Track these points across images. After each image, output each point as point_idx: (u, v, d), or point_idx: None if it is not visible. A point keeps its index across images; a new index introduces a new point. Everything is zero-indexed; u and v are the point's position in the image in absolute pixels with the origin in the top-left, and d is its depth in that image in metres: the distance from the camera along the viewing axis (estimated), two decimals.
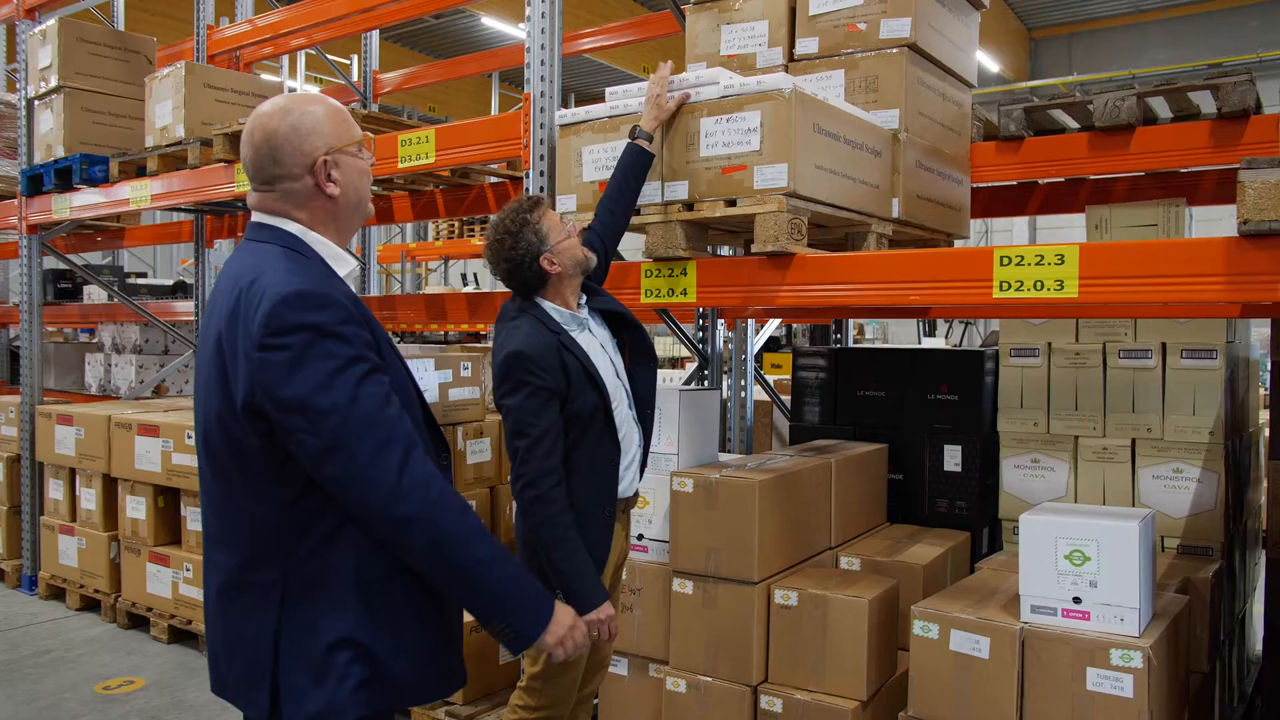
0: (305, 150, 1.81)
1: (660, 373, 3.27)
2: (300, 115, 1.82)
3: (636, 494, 2.79)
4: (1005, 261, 2.54)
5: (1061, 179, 4.23)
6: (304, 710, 1.72)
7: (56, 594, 5.69)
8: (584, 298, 2.73)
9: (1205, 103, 3.48)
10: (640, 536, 3.44)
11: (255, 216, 1.87)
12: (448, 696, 1.80)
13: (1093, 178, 4.19)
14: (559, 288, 2.62)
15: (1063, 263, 2.46)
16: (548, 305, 2.62)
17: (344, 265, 1.87)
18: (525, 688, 2.68)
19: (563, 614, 1.86)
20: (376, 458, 1.67)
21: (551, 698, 2.65)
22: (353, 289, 1.87)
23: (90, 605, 5.50)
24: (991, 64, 16.30)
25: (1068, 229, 15.30)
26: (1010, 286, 2.54)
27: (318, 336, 1.67)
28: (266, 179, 1.84)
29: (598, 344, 2.68)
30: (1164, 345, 3.45)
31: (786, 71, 3.29)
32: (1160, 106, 3.57)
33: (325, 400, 1.66)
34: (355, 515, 1.71)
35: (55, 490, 5.65)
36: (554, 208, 2.83)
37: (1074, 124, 3.75)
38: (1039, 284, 2.49)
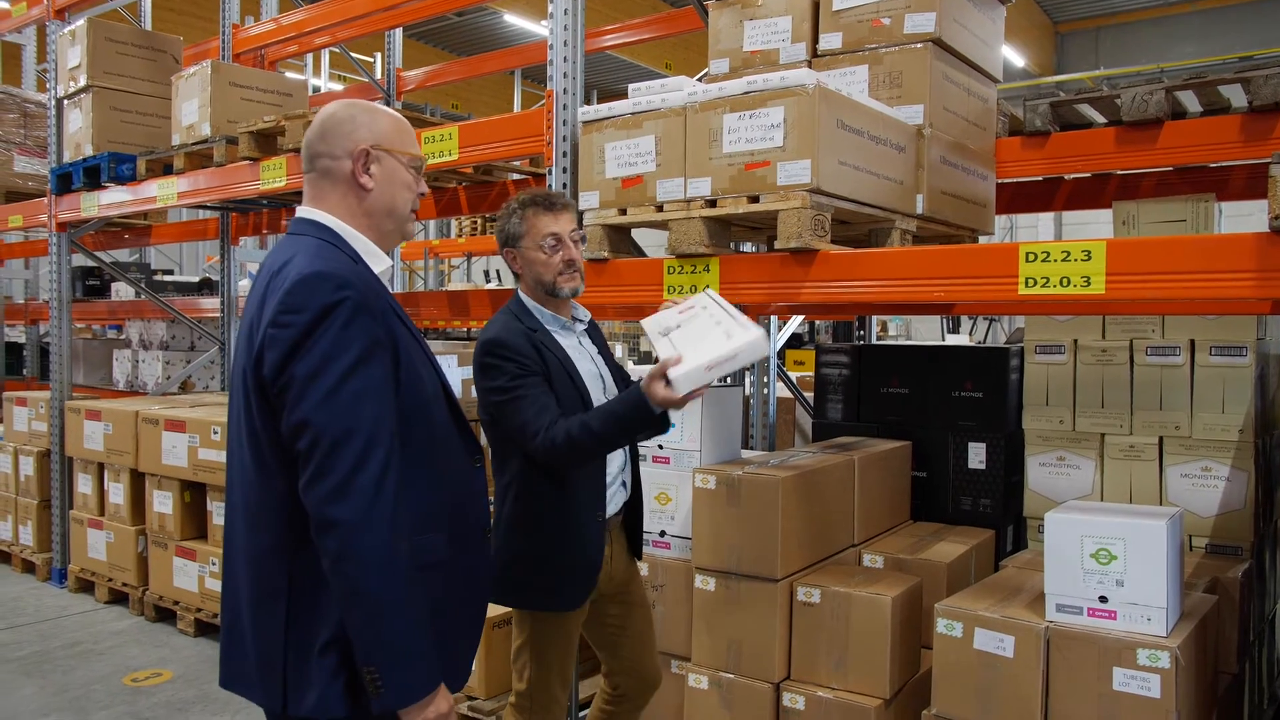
0: (354, 137, 1.86)
1: None
2: (362, 110, 1.90)
3: (621, 509, 2.72)
4: (1031, 258, 2.52)
5: (1088, 174, 4.19)
6: (304, 704, 1.73)
7: (86, 587, 5.77)
8: (584, 313, 2.71)
9: (1236, 96, 3.43)
10: (662, 533, 3.44)
11: (298, 211, 1.91)
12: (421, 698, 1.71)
13: (1120, 173, 4.14)
14: (535, 289, 2.62)
15: (1089, 259, 2.43)
16: (527, 300, 2.62)
17: (378, 262, 1.90)
18: (515, 704, 2.67)
19: (441, 702, 1.74)
20: (339, 447, 1.65)
21: (546, 715, 2.63)
22: (388, 287, 1.89)
23: (118, 598, 5.57)
24: (1017, 58, 16.16)
25: (1094, 225, 15.14)
26: (1036, 283, 2.51)
27: (327, 317, 1.68)
28: (311, 157, 1.89)
29: (586, 353, 2.66)
30: (1192, 342, 3.41)
31: (810, 67, 3.28)
32: (1189, 100, 3.52)
33: (315, 380, 1.66)
34: (302, 498, 1.67)
35: (84, 484, 5.72)
36: (576, 203, 2.74)
37: (1101, 119, 3.71)
38: (1065, 280, 2.47)
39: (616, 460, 2.67)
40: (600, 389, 2.64)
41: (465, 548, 1.91)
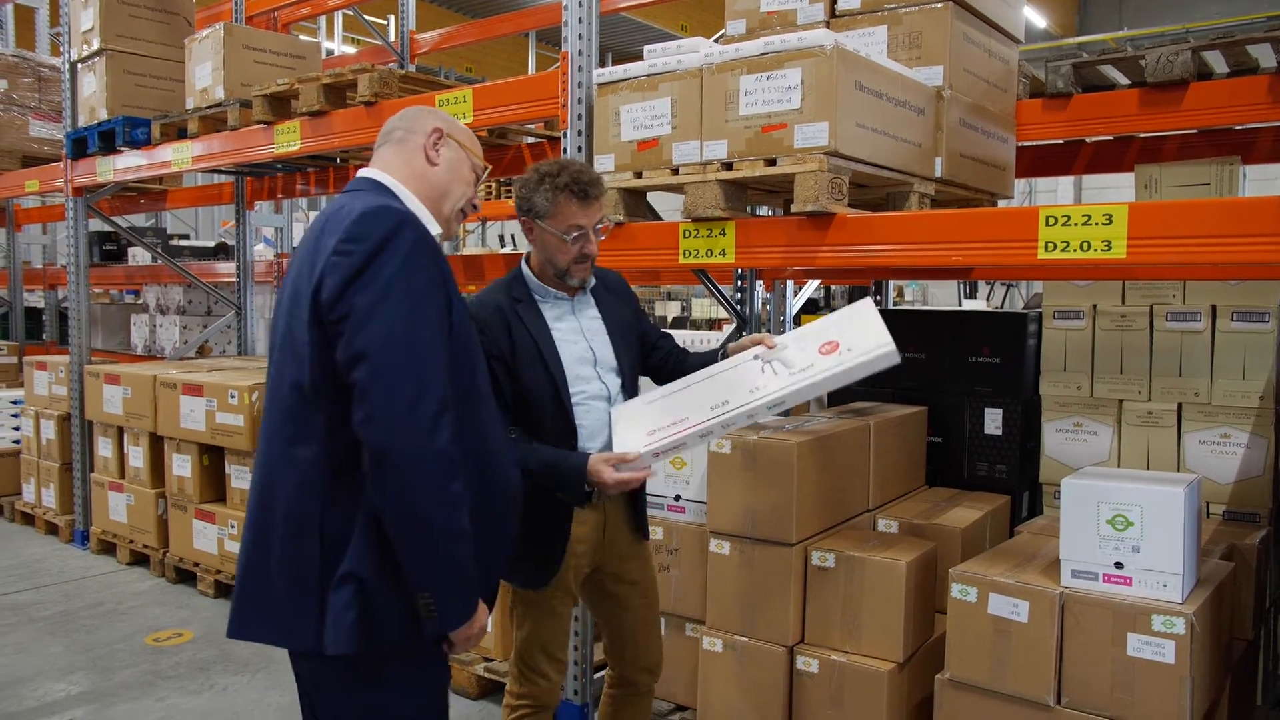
0: (432, 121, 2.01)
1: (698, 334, 3.22)
2: (445, 114, 2.08)
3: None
4: (1051, 221, 2.49)
5: (1110, 137, 4.13)
6: (325, 636, 1.75)
7: (107, 548, 5.85)
8: (592, 279, 2.61)
9: (1265, 57, 3.36)
10: (677, 497, 3.45)
11: (359, 171, 1.98)
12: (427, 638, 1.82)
13: (1142, 136, 4.08)
14: (543, 267, 2.55)
15: (1110, 223, 2.40)
16: (526, 270, 2.57)
17: (430, 225, 1.95)
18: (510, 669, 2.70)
19: (482, 615, 1.85)
20: (399, 380, 1.66)
21: (531, 687, 2.63)
22: None
23: (140, 560, 5.65)
24: (1039, 19, 15.89)
25: (1114, 189, 14.94)
26: (1056, 247, 2.49)
27: (387, 246, 1.71)
28: (386, 133, 2.01)
29: (577, 326, 2.57)
30: (1214, 308, 3.37)
31: (828, 27, 3.23)
32: (1216, 61, 3.46)
33: (375, 310, 1.68)
34: (357, 429, 1.69)
35: (104, 448, 5.78)
36: (591, 164, 2.62)
37: (1124, 80, 3.65)
38: (1085, 244, 2.44)
39: (597, 442, 2.53)
40: (588, 366, 2.54)
41: (489, 513, 1.90)
